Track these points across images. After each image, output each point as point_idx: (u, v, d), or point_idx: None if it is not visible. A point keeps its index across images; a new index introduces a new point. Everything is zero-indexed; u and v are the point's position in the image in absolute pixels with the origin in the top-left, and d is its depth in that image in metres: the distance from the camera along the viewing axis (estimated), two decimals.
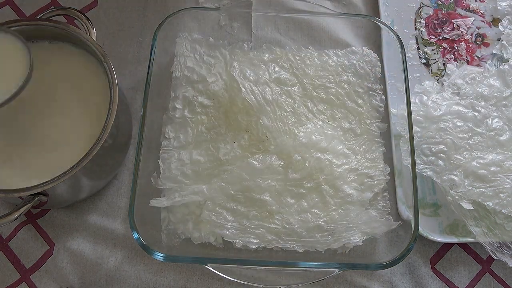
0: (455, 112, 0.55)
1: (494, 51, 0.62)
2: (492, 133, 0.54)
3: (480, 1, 0.66)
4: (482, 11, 0.65)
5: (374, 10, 0.64)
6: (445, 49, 0.63)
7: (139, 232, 0.45)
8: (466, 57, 0.62)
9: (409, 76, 0.56)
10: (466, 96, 0.57)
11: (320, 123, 0.54)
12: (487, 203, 0.50)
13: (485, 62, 0.62)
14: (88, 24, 0.51)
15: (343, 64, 0.57)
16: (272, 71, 0.55)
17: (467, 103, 0.56)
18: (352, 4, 0.65)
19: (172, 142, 0.52)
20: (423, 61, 0.62)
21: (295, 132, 0.52)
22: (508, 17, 0.64)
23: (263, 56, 0.56)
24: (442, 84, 0.59)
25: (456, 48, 0.63)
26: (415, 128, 0.53)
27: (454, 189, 0.51)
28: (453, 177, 0.51)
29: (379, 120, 0.55)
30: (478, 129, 0.54)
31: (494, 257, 0.50)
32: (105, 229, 0.52)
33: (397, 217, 0.51)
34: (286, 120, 0.52)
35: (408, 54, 0.61)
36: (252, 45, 0.59)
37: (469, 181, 0.51)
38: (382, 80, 0.57)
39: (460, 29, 0.64)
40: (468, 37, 0.63)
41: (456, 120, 0.54)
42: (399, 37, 0.55)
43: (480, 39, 0.63)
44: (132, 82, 0.59)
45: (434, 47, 0.63)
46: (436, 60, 0.62)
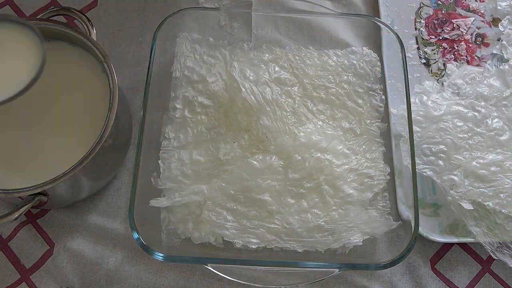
0: (455, 112, 0.55)
1: (494, 51, 0.62)
2: (492, 133, 0.54)
3: (480, 1, 0.66)
4: (482, 11, 0.65)
5: (374, 10, 0.64)
6: (445, 49, 0.63)
7: (139, 232, 0.45)
8: (466, 57, 0.62)
9: (409, 76, 0.56)
10: (466, 96, 0.57)
11: (320, 123, 0.54)
12: (487, 203, 0.50)
13: (485, 62, 0.62)
14: (88, 24, 0.51)
15: (343, 64, 0.57)
16: (272, 71, 0.55)
17: (467, 103, 0.56)
18: (352, 4, 0.64)
19: (172, 142, 0.52)
20: (423, 61, 0.62)
21: (295, 132, 0.52)
22: (508, 17, 0.64)
23: (263, 56, 0.56)
24: (442, 84, 0.59)
25: (456, 48, 0.63)
26: (415, 128, 0.53)
27: (454, 189, 0.51)
28: (453, 177, 0.51)
29: (379, 120, 0.55)
30: (478, 129, 0.54)
31: (494, 257, 0.50)
32: (105, 229, 0.52)
33: (397, 217, 0.51)
34: (286, 120, 0.52)
35: (408, 54, 0.61)
36: (252, 45, 0.59)
37: (469, 181, 0.51)
38: (382, 80, 0.57)
39: (460, 29, 0.64)
40: (468, 37, 0.63)
41: (456, 120, 0.54)
42: (399, 37, 0.55)
43: (480, 39, 0.63)
44: (132, 82, 0.59)
45: (434, 47, 0.63)
46: (436, 60, 0.62)
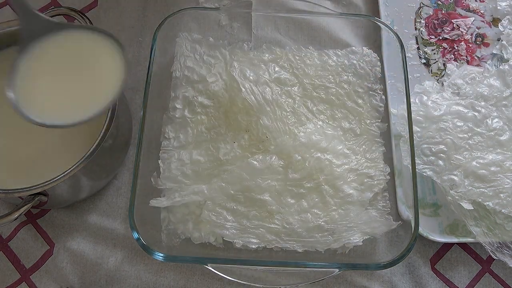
0: (455, 112, 0.55)
1: (494, 51, 0.62)
2: (492, 133, 0.54)
3: (480, 1, 0.65)
4: (482, 11, 0.65)
5: (374, 10, 0.64)
6: (445, 49, 0.63)
7: (139, 232, 0.45)
8: (466, 57, 0.62)
9: (409, 76, 0.56)
10: (466, 96, 0.57)
11: (320, 123, 0.54)
12: (487, 203, 0.50)
13: (485, 62, 0.62)
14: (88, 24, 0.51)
15: (343, 64, 0.57)
16: (272, 71, 0.55)
17: (467, 103, 0.56)
18: (352, 4, 0.64)
19: (172, 142, 0.52)
20: (423, 61, 0.62)
21: (295, 132, 0.52)
22: (508, 17, 0.64)
23: (263, 56, 0.56)
24: (442, 84, 0.59)
25: (456, 48, 0.62)
26: (415, 128, 0.53)
27: (454, 189, 0.51)
28: (453, 177, 0.51)
29: (379, 120, 0.55)
30: (478, 129, 0.54)
31: (494, 257, 0.50)
32: (105, 229, 0.52)
33: (397, 217, 0.51)
34: (286, 120, 0.52)
35: (408, 54, 0.61)
36: (252, 45, 0.59)
37: (469, 181, 0.51)
38: (382, 80, 0.57)
39: (460, 29, 0.64)
40: (468, 37, 0.63)
41: (456, 120, 0.54)
42: (399, 37, 0.55)
43: (480, 39, 0.63)
44: (132, 82, 0.59)
45: (434, 47, 0.63)
46: (436, 60, 0.62)
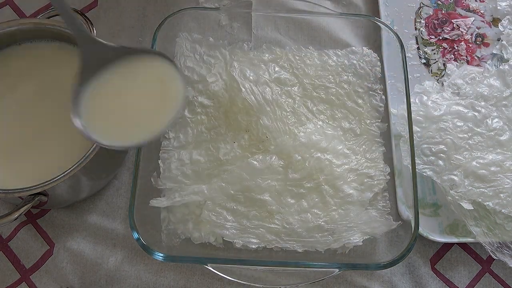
0: (455, 112, 0.55)
1: (494, 51, 0.62)
2: (492, 133, 0.54)
3: (480, 1, 0.65)
4: (482, 11, 0.65)
5: (374, 10, 0.64)
6: (445, 49, 0.63)
7: (139, 232, 0.45)
8: (466, 57, 0.62)
9: (409, 76, 0.56)
10: (466, 96, 0.57)
11: (320, 123, 0.54)
12: (487, 203, 0.50)
13: (485, 62, 0.62)
14: (88, 24, 0.51)
15: (343, 64, 0.57)
16: (272, 71, 0.55)
17: (467, 103, 0.56)
18: (352, 4, 0.64)
19: (172, 142, 0.52)
20: (423, 61, 0.62)
21: (295, 132, 0.52)
22: (508, 17, 0.64)
23: (263, 56, 0.56)
24: (442, 84, 0.59)
25: (456, 48, 0.62)
26: (415, 128, 0.53)
27: (454, 189, 0.51)
28: (453, 177, 0.51)
29: (379, 120, 0.55)
30: (478, 129, 0.54)
31: (494, 257, 0.50)
32: (105, 229, 0.52)
33: (397, 217, 0.51)
34: (286, 120, 0.52)
35: (408, 54, 0.61)
36: (252, 45, 0.59)
37: (469, 181, 0.51)
38: (382, 80, 0.57)
39: (460, 29, 0.64)
40: (468, 37, 0.63)
41: (456, 120, 0.54)
42: (399, 37, 0.55)
43: (480, 39, 0.63)
44: None
45: (434, 47, 0.63)
46: (436, 60, 0.62)
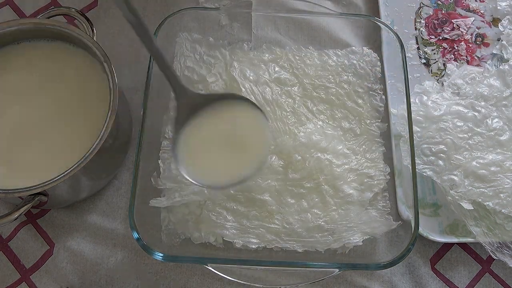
0: (455, 112, 0.55)
1: (494, 51, 0.62)
2: (492, 133, 0.54)
3: (480, 1, 0.65)
4: (482, 11, 0.65)
5: (374, 10, 0.64)
6: (445, 49, 0.63)
7: (139, 232, 0.45)
8: (466, 57, 0.62)
9: (409, 76, 0.56)
10: (466, 96, 0.57)
11: (320, 123, 0.54)
12: (487, 203, 0.50)
13: (485, 62, 0.62)
14: (88, 24, 0.51)
15: (343, 64, 0.57)
16: (272, 71, 0.55)
17: (467, 103, 0.56)
18: (352, 4, 0.64)
19: None
20: (423, 61, 0.62)
21: (295, 132, 0.52)
22: (508, 17, 0.64)
23: (263, 56, 0.56)
24: (442, 84, 0.59)
25: (456, 48, 0.62)
26: (415, 128, 0.53)
27: (454, 189, 0.51)
28: (453, 177, 0.51)
29: (379, 120, 0.55)
30: (478, 129, 0.54)
31: (494, 257, 0.50)
32: (105, 229, 0.52)
33: (397, 217, 0.51)
34: (286, 120, 0.52)
35: (408, 54, 0.61)
36: (252, 45, 0.59)
37: (469, 181, 0.51)
38: (382, 80, 0.57)
39: (460, 29, 0.64)
40: (468, 37, 0.63)
41: (456, 120, 0.54)
42: (399, 37, 0.55)
43: (480, 39, 0.63)
44: (132, 82, 0.58)
45: (434, 47, 0.63)
46: (436, 60, 0.62)
